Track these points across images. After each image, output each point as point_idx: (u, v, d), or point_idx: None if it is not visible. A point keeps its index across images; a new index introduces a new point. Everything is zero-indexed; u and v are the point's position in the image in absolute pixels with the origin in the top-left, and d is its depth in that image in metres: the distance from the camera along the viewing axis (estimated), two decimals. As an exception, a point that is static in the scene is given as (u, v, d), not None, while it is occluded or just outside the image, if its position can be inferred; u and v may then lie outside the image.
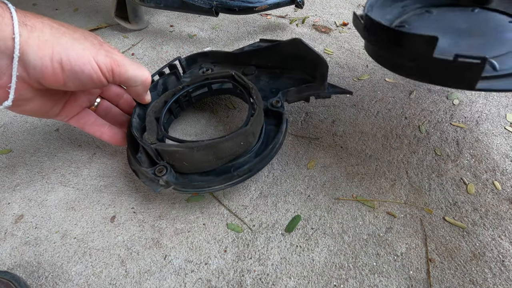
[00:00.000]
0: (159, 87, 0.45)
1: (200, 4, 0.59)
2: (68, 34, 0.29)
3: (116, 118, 0.42)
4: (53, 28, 0.29)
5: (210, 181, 0.35)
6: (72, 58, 0.29)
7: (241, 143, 0.35)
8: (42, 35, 0.27)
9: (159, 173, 0.34)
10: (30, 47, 0.27)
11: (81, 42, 0.30)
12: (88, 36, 0.32)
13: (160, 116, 0.40)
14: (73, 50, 0.29)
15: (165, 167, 0.35)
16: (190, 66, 0.49)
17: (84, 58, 0.29)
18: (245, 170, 0.35)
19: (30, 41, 0.27)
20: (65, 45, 0.28)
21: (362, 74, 0.57)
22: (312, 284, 0.33)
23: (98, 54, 0.30)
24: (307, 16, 0.72)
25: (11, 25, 0.26)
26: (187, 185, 0.35)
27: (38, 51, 0.27)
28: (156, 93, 0.44)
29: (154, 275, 0.33)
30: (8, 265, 0.34)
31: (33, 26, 0.27)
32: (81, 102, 0.38)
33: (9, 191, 0.41)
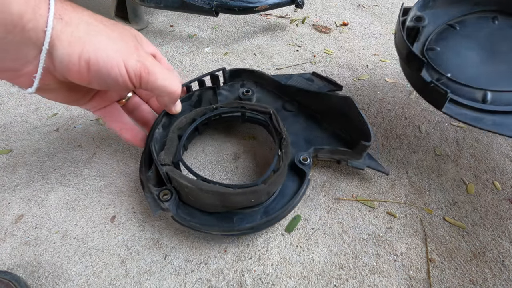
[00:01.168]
0: (193, 98, 0.44)
1: (200, 4, 0.59)
2: (104, 33, 0.28)
3: (143, 115, 0.41)
4: (90, 25, 0.28)
5: (209, 224, 0.34)
6: (101, 59, 0.28)
7: (252, 200, 0.33)
8: (76, 31, 0.27)
9: (163, 197, 0.34)
10: (61, 42, 0.26)
11: (115, 42, 0.29)
12: (126, 37, 0.30)
13: (183, 134, 0.39)
14: (104, 51, 0.28)
15: (171, 193, 0.34)
16: (233, 79, 0.47)
17: (113, 60, 0.28)
18: (247, 228, 0.33)
19: (62, 36, 0.26)
20: (98, 44, 0.27)
21: (362, 74, 0.57)
22: (312, 284, 0.33)
23: (129, 58, 0.29)
24: (307, 16, 0.72)
25: (46, 16, 0.25)
26: (185, 221, 0.34)
27: (68, 47, 0.26)
28: (189, 103, 0.43)
29: (154, 275, 0.33)
30: (8, 265, 0.34)
31: (69, 21, 0.26)
32: (111, 96, 0.37)
33: (9, 191, 0.41)
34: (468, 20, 0.42)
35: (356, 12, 0.73)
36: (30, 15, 0.24)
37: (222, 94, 0.45)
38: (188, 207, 0.35)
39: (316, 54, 0.61)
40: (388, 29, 0.67)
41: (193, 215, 0.34)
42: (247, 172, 0.42)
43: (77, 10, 0.28)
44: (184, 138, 0.39)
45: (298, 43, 0.64)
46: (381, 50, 0.62)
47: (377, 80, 0.56)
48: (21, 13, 0.23)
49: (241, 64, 0.59)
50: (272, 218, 0.34)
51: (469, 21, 0.42)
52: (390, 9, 0.73)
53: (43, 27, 0.25)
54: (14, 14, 0.23)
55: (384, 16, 0.71)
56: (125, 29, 0.31)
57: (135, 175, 0.42)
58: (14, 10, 0.23)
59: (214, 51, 0.63)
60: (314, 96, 0.42)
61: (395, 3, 0.76)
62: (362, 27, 0.68)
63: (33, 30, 0.25)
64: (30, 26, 0.24)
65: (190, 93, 0.43)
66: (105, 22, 0.30)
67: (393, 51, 0.62)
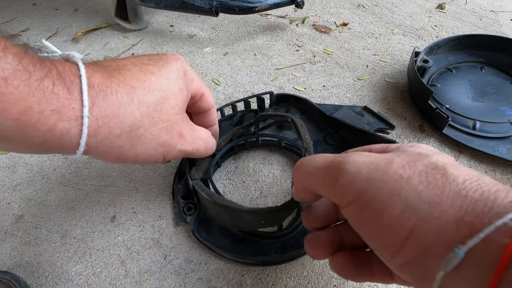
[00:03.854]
0: (235, 119, 0.44)
1: (200, 4, 0.59)
2: (148, 132, 0.25)
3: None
4: (134, 128, 0.24)
5: (224, 247, 0.34)
6: (140, 159, 0.26)
7: (261, 222, 0.32)
8: (116, 142, 0.23)
9: (187, 211, 0.36)
10: (95, 153, 0.23)
11: (160, 137, 0.26)
12: (174, 123, 0.26)
13: (217, 154, 0.40)
14: (145, 153, 0.25)
15: (195, 207, 0.36)
16: (279, 103, 0.46)
17: (152, 158, 0.26)
18: (259, 259, 0.33)
19: (97, 150, 0.23)
20: (139, 149, 0.25)
21: (362, 74, 0.57)
22: (312, 284, 0.33)
23: (171, 151, 0.27)
24: (307, 16, 0.72)
25: (76, 140, 0.21)
26: (203, 238, 0.35)
27: (105, 155, 0.24)
28: (230, 123, 0.44)
29: (154, 275, 0.33)
30: (8, 265, 0.34)
31: (108, 133, 0.22)
32: None
33: (9, 191, 0.41)
34: (462, 67, 0.55)
35: (356, 12, 0.73)
36: (56, 141, 0.21)
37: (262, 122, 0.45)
38: (209, 225, 0.36)
39: (316, 54, 0.61)
40: (388, 29, 0.67)
41: (211, 234, 0.35)
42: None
43: (119, 105, 0.22)
44: (217, 156, 0.40)
45: (298, 43, 0.64)
46: (381, 50, 0.62)
47: (377, 80, 0.56)
48: (44, 141, 0.20)
49: (241, 64, 0.59)
50: (287, 256, 0.33)
51: (463, 67, 0.55)
52: (390, 9, 0.73)
53: (74, 148, 0.22)
54: (36, 142, 0.20)
55: (384, 16, 0.71)
56: (173, 94, 0.26)
57: (135, 175, 0.42)
58: (35, 140, 0.20)
59: (214, 51, 0.63)
60: (358, 133, 0.40)
61: (395, 3, 0.76)
62: (362, 27, 0.68)
63: (61, 149, 0.22)
64: (56, 148, 0.21)
65: (232, 113, 0.44)
66: (157, 110, 0.25)
67: (393, 51, 0.62)
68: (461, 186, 0.17)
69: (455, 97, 0.49)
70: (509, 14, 0.72)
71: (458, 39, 0.55)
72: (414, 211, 0.17)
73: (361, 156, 0.20)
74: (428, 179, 0.18)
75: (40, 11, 0.77)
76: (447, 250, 0.16)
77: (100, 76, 0.22)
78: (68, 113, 0.20)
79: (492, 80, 0.52)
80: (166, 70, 0.26)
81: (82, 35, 0.67)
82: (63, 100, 0.20)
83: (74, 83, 0.21)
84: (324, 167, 0.22)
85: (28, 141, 0.20)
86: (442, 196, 0.17)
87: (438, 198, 0.17)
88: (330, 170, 0.21)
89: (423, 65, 0.49)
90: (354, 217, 0.20)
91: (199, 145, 0.30)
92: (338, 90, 0.54)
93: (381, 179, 0.19)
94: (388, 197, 0.18)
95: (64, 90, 0.20)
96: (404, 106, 0.51)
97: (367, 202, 0.19)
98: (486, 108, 0.47)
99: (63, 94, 0.20)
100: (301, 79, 0.56)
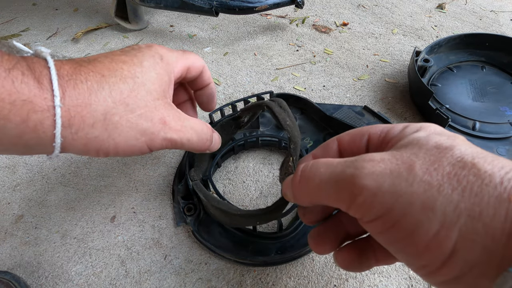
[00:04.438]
0: None
1: (200, 4, 0.59)
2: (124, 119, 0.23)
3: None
4: (108, 115, 0.23)
5: (224, 247, 0.34)
6: (122, 150, 0.24)
7: (256, 222, 0.32)
8: (91, 132, 0.22)
9: (187, 211, 0.36)
10: (74, 147, 0.23)
11: (139, 123, 0.24)
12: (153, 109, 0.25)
13: (217, 154, 0.40)
14: (125, 142, 0.24)
15: (195, 208, 0.36)
16: None
17: (135, 148, 0.25)
18: (259, 260, 0.33)
19: (74, 143, 0.22)
20: (118, 138, 0.24)
21: (362, 74, 0.57)
22: (312, 284, 0.33)
23: (154, 140, 0.25)
24: (307, 16, 0.72)
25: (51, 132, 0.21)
26: (203, 239, 0.35)
27: (83, 148, 0.23)
28: None
29: (154, 275, 0.33)
30: (8, 265, 0.34)
31: (81, 123, 0.22)
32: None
33: (9, 191, 0.41)
34: (463, 66, 0.54)
35: (356, 12, 0.73)
36: (31, 134, 0.20)
37: (266, 116, 0.45)
38: (209, 226, 0.36)
39: (316, 54, 0.61)
40: (388, 29, 0.67)
41: (211, 234, 0.35)
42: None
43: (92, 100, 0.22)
44: (218, 157, 0.40)
45: (298, 43, 0.64)
46: (381, 50, 0.62)
47: (377, 80, 0.56)
48: (19, 134, 0.20)
49: (241, 64, 0.59)
50: (287, 257, 0.33)
51: (464, 67, 0.54)
52: (390, 9, 0.73)
53: (50, 142, 0.21)
54: (11, 136, 0.20)
55: (384, 16, 0.71)
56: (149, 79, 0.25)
57: (135, 175, 0.42)
58: (10, 133, 0.19)
59: (214, 51, 0.63)
60: None
61: (395, 3, 0.76)
62: (362, 27, 0.68)
63: (38, 145, 0.21)
64: (33, 143, 0.21)
65: (232, 113, 0.43)
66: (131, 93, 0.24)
67: (393, 51, 0.62)
68: (500, 189, 0.15)
69: (455, 97, 0.49)
70: (509, 14, 0.72)
71: (460, 38, 0.55)
72: (454, 227, 0.15)
73: (374, 165, 0.18)
74: (461, 184, 0.15)
75: (40, 11, 0.77)
76: (498, 268, 0.14)
77: (68, 68, 0.22)
78: (40, 103, 0.20)
79: (493, 79, 0.52)
80: (138, 58, 0.25)
81: (82, 35, 0.67)
82: (34, 90, 0.20)
83: (43, 73, 0.20)
84: (333, 182, 0.19)
85: (2, 135, 0.20)
86: (482, 205, 0.15)
87: (478, 208, 0.15)
88: (343, 186, 0.18)
89: (424, 65, 0.49)
90: (381, 235, 0.18)
91: (189, 134, 0.27)
92: (338, 90, 0.54)
93: (409, 192, 0.16)
94: (421, 213, 0.16)
95: (34, 81, 0.20)
96: (404, 106, 0.51)
97: (396, 220, 0.16)
98: (486, 108, 0.47)
99: (33, 84, 0.20)
100: (301, 79, 0.56)
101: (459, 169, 0.16)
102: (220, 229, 0.36)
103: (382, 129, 0.22)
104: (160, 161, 0.44)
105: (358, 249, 0.23)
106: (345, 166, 0.19)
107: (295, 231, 0.35)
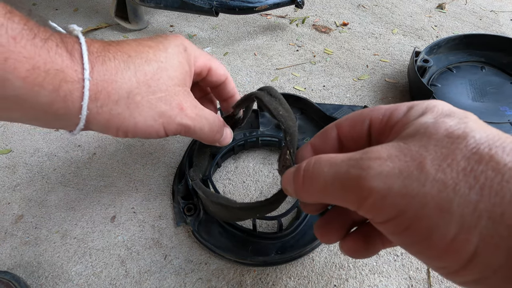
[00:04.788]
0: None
1: (200, 4, 0.59)
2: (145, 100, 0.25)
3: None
4: (131, 94, 0.24)
5: (224, 247, 0.34)
6: (140, 130, 0.25)
7: (256, 215, 0.31)
8: (115, 108, 0.24)
9: (187, 211, 0.36)
10: (97, 121, 0.24)
11: (158, 106, 0.25)
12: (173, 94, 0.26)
13: (217, 154, 0.40)
14: (144, 123, 0.25)
15: (195, 208, 0.36)
16: None
17: (152, 129, 0.26)
18: (259, 260, 0.33)
19: (98, 117, 0.23)
20: (138, 118, 0.25)
21: (362, 74, 0.57)
22: (312, 284, 0.33)
23: (170, 123, 0.26)
24: (307, 16, 0.72)
25: (79, 103, 0.22)
26: (203, 239, 0.35)
27: (106, 123, 0.24)
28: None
29: (154, 275, 0.33)
30: (8, 265, 0.34)
31: (107, 98, 0.23)
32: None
33: (9, 191, 0.41)
34: (463, 67, 0.54)
35: (356, 12, 0.73)
36: (61, 104, 0.21)
37: (266, 116, 0.45)
38: (209, 226, 0.36)
39: (316, 54, 0.61)
40: (388, 29, 0.67)
41: (211, 234, 0.35)
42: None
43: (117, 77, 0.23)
44: (218, 157, 0.40)
45: (298, 43, 0.64)
46: (381, 50, 0.62)
47: (377, 80, 0.56)
48: (50, 102, 0.21)
49: (241, 64, 0.59)
50: (286, 257, 0.33)
51: (463, 67, 0.54)
52: (390, 9, 0.73)
53: (77, 114, 0.22)
54: (43, 103, 0.21)
55: (384, 16, 0.71)
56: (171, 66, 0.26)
57: (135, 175, 0.42)
58: (42, 100, 0.21)
59: (214, 51, 0.63)
60: None
61: (395, 3, 0.76)
62: (362, 27, 0.68)
63: (65, 115, 0.22)
64: (61, 112, 0.22)
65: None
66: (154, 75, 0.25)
67: (393, 51, 0.62)
68: None
69: (455, 97, 0.49)
70: (509, 14, 0.72)
71: (459, 38, 0.55)
72: (474, 230, 0.14)
73: (381, 163, 0.16)
74: (479, 181, 0.14)
75: (40, 11, 0.77)
76: None
77: (98, 46, 0.23)
78: (71, 75, 0.21)
79: (493, 80, 0.52)
80: (164, 45, 0.27)
81: (82, 35, 0.67)
82: (66, 61, 0.21)
83: (75, 48, 0.22)
84: (338, 184, 0.18)
85: (35, 102, 0.21)
86: (504, 205, 0.13)
87: (500, 209, 0.14)
88: (350, 188, 0.17)
89: (423, 65, 0.50)
90: (395, 236, 0.17)
91: (202, 123, 0.28)
92: (338, 90, 0.54)
93: (421, 193, 0.15)
94: (437, 216, 0.14)
95: (67, 53, 0.21)
96: (404, 106, 0.51)
97: (409, 223, 0.15)
98: (486, 108, 0.47)
99: (66, 56, 0.21)
100: (301, 79, 0.56)
101: (475, 164, 0.14)
102: (220, 229, 0.36)
103: (384, 112, 0.20)
104: (160, 161, 0.44)
105: (363, 236, 0.23)
106: (350, 166, 0.17)
107: (295, 231, 0.35)
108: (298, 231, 0.35)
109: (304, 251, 0.34)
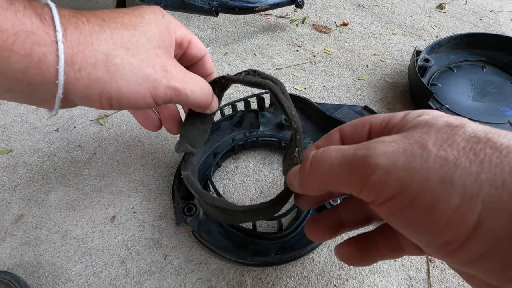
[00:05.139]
0: (235, 119, 0.44)
1: (200, 4, 0.59)
2: (126, 62, 0.23)
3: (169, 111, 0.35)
4: (110, 57, 0.23)
5: (224, 248, 0.34)
6: (124, 96, 0.24)
7: (259, 218, 0.31)
8: (94, 72, 0.22)
9: (187, 211, 0.36)
10: (77, 88, 0.22)
11: (141, 69, 0.24)
12: (154, 56, 0.25)
13: (218, 153, 0.40)
14: (127, 87, 0.24)
15: (196, 208, 0.36)
16: None
17: (138, 95, 0.24)
18: (259, 260, 0.33)
19: (77, 83, 0.22)
20: (120, 82, 0.23)
21: (362, 74, 0.57)
22: (312, 284, 0.33)
23: (157, 87, 0.25)
24: (307, 16, 0.72)
25: (54, 68, 0.21)
26: (203, 239, 0.35)
27: (86, 90, 0.23)
28: (230, 123, 0.44)
29: (154, 275, 0.33)
30: (8, 265, 0.34)
31: (84, 61, 0.22)
32: None
33: (9, 191, 0.41)
34: (463, 66, 0.54)
35: (356, 12, 0.73)
36: (35, 69, 0.20)
37: (266, 116, 0.45)
38: (209, 226, 0.36)
39: (316, 54, 0.61)
40: (388, 29, 0.67)
41: (211, 234, 0.35)
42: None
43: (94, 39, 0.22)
44: (218, 157, 0.40)
45: (298, 43, 0.64)
46: (381, 50, 0.62)
47: (377, 80, 0.56)
48: (24, 69, 0.20)
49: (241, 64, 0.59)
50: (286, 257, 0.33)
51: (464, 66, 0.54)
52: (390, 9, 0.73)
53: (53, 80, 0.21)
54: (16, 70, 0.20)
55: (384, 16, 0.71)
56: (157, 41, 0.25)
57: (135, 175, 0.42)
58: (15, 67, 0.20)
59: (214, 51, 0.63)
60: None
61: (395, 3, 0.76)
62: (362, 27, 0.68)
63: (41, 83, 0.21)
64: (37, 80, 0.21)
65: (232, 113, 0.43)
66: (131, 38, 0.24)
67: (393, 51, 0.62)
68: None
69: (455, 96, 0.49)
70: (509, 14, 0.72)
71: (460, 37, 0.55)
72: (476, 198, 0.14)
73: (386, 145, 0.17)
74: (478, 157, 0.15)
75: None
76: None
77: (69, 11, 0.22)
78: (44, 37, 0.20)
79: (493, 79, 0.52)
80: (139, 11, 0.26)
81: (82, 35, 0.67)
82: (36, 23, 0.20)
83: (45, 11, 0.21)
84: (345, 164, 0.19)
85: (6, 68, 0.20)
86: (504, 173, 0.14)
87: (501, 178, 0.14)
88: (356, 167, 0.18)
89: (424, 64, 0.50)
90: (397, 215, 0.17)
91: (191, 85, 0.27)
92: (338, 90, 0.54)
93: (424, 168, 0.16)
94: (440, 187, 0.15)
95: (36, 16, 0.20)
96: (404, 106, 0.51)
97: (412, 197, 0.16)
98: (486, 108, 0.48)
99: (35, 18, 0.20)
100: (301, 79, 0.56)
101: (474, 144, 0.15)
102: (220, 229, 0.35)
103: (383, 118, 0.22)
104: (160, 161, 0.44)
105: (359, 244, 0.23)
106: (356, 149, 0.18)
107: (295, 231, 0.35)
108: (298, 231, 0.35)
109: (304, 251, 0.34)
